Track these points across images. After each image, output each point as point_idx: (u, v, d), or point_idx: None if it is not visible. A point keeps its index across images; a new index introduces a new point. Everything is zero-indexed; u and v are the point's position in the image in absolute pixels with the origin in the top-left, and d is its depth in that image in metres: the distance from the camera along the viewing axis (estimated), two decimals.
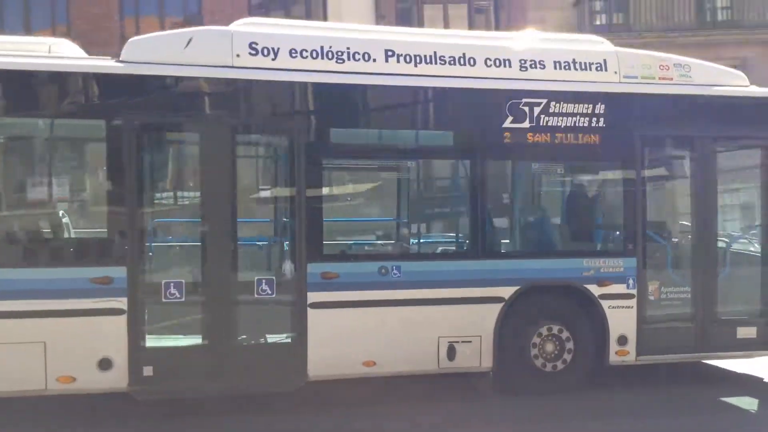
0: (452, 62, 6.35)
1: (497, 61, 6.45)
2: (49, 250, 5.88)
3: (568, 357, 6.51)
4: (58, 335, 5.51)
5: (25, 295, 5.44)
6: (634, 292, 6.50)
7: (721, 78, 7.09)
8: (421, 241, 6.98)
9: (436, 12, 19.32)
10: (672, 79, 6.83)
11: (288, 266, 6.11)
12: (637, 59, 6.88)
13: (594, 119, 6.53)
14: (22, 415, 5.75)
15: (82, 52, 6.39)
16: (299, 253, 5.94)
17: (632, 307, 6.49)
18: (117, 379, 5.63)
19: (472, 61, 6.40)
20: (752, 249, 7.10)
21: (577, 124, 6.51)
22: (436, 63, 6.32)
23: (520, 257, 6.63)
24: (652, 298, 6.59)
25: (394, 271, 6.12)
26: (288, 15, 18.29)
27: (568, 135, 6.49)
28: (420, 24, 18.92)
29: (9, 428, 5.58)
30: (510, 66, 6.48)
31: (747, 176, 7.26)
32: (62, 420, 5.83)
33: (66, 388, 5.59)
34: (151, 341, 5.78)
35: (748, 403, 6.56)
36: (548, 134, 6.46)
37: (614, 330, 6.46)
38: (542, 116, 6.41)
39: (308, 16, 18.04)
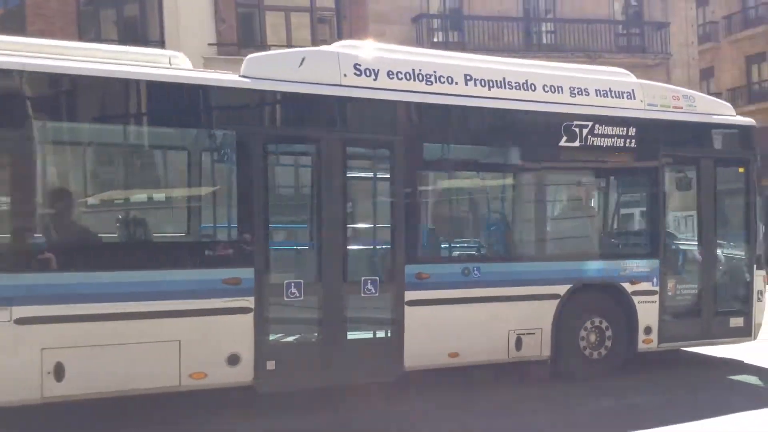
0: (518, 87, 7.28)
1: (552, 88, 7.46)
2: (185, 253, 6.26)
3: (608, 345, 7.65)
4: (191, 334, 5.87)
5: (161, 296, 5.77)
6: (657, 289, 7.75)
7: (716, 108, 8.52)
8: (494, 245, 7.76)
9: (278, 19, 19.16)
10: (682, 108, 8.13)
11: (389, 268, 6.79)
12: (656, 90, 8.23)
13: (626, 140, 7.72)
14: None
15: (191, 64, 6.83)
16: (398, 256, 6.69)
17: (655, 302, 7.73)
18: (243, 373, 6.09)
19: (533, 87, 7.37)
20: (737, 254, 8.57)
21: (614, 144, 7.66)
22: (504, 87, 7.24)
23: (573, 259, 7.65)
24: (669, 294, 7.87)
25: (475, 272, 6.98)
26: (121, 13, 17.41)
27: (608, 153, 7.70)
28: (262, 30, 18.70)
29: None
30: (562, 92, 7.51)
31: (729, 190, 8.65)
32: None
33: (198, 384, 5.99)
34: (274, 337, 6.31)
35: (754, 380, 7.95)
36: (593, 152, 7.64)
37: (642, 321, 7.70)
38: (589, 136, 7.51)
39: (143, 15, 17.26)
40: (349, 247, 6.74)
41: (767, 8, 30.00)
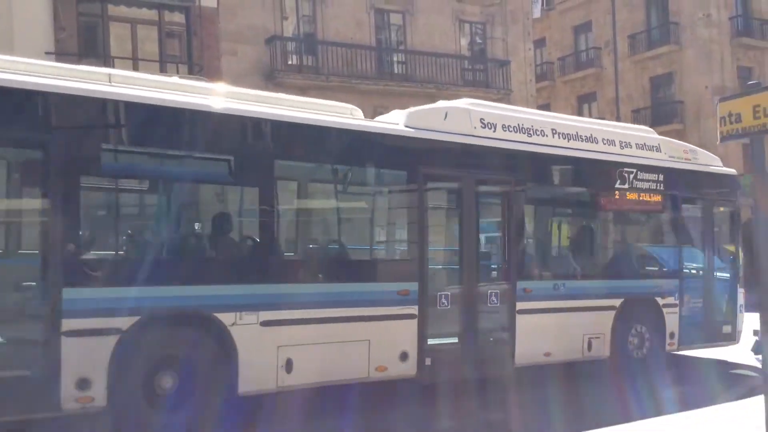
0: (586, 140, 9.16)
1: (607, 141, 9.38)
2: (374, 271, 7.78)
3: (647, 346, 9.48)
4: (377, 334, 7.25)
5: (355, 303, 7.16)
6: (677, 302, 9.70)
7: (711, 160, 10.54)
8: (575, 267, 9.39)
9: (124, 31, 18.34)
10: (690, 159, 10.21)
11: (506, 283, 8.39)
12: (673, 144, 10.34)
13: (657, 184, 9.71)
14: None
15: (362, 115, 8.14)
16: (513, 274, 8.35)
17: (677, 312, 9.67)
18: (409, 368, 7.51)
19: (595, 140, 9.24)
20: (725, 275, 10.62)
21: (649, 187, 9.64)
22: (577, 140, 9.07)
23: (624, 278, 9.55)
24: (685, 307, 9.77)
25: (562, 288, 8.70)
26: None
27: (646, 194, 9.70)
28: (106, 41, 17.77)
29: None
30: (614, 145, 9.42)
31: (719, 223, 10.82)
32: None
33: (380, 375, 7.35)
34: (430, 339, 7.67)
35: (750, 372, 9.94)
36: (636, 193, 9.57)
37: (668, 328, 9.60)
38: (634, 181, 9.46)
39: None
40: (480, 266, 8.44)
41: (596, 52, 32.76)
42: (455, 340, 7.98)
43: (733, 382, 9.40)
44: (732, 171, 10.81)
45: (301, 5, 20.70)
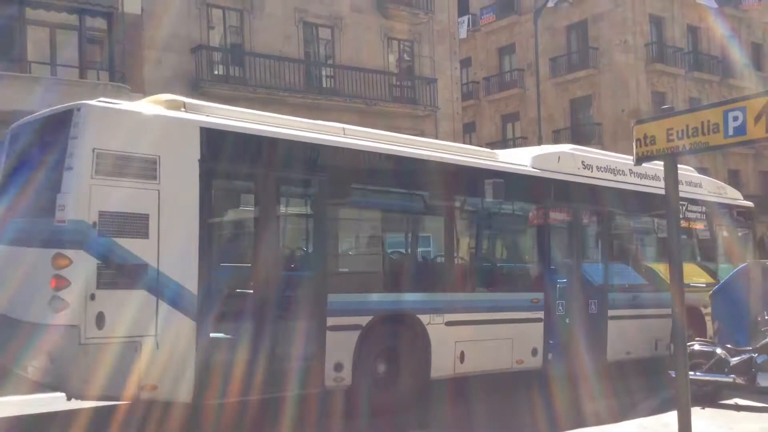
0: (651, 178, 10.80)
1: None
2: (516, 283, 9.95)
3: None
4: (517, 334, 9.12)
5: (504, 309, 9.06)
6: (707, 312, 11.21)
7: (735, 194, 13.12)
8: (647, 281, 11.20)
9: (42, 35, 17.68)
10: (721, 194, 12.70)
11: (601, 294, 10.32)
12: (709, 181, 12.91)
13: (701, 214, 11.88)
14: None
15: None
16: (606, 286, 10.36)
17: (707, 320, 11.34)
18: (538, 361, 9.37)
19: (659, 178, 10.04)
20: None
21: (696, 217, 11.82)
22: (647, 178, 10.89)
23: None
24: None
25: (637, 299, 10.61)
26: None
27: (695, 222, 11.81)
28: (22, 45, 17.06)
29: None
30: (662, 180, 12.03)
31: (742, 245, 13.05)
32: None
33: (519, 367, 9.20)
34: (550, 338, 9.48)
35: None
36: (688, 221, 11.51)
37: (708, 330, 11.15)
38: (686, 212, 11.33)
39: None
40: (583, 281, 10.18)
41: (520, 74, 33.69)
42: (567, 339, 9.72)
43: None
44: (750, 203, 13.55)
45: (228, 15, 20.46)
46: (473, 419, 8.17)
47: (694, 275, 11.66)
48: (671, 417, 6.47)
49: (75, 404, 6.86)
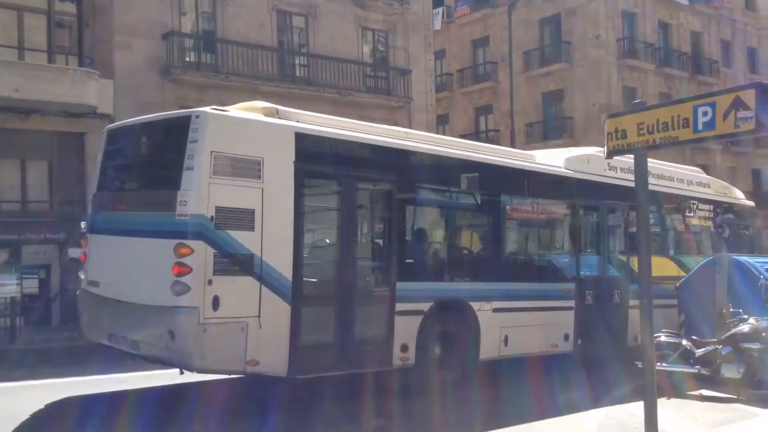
0: (668, 179, 12.58)
1: (680, 180, 13.07)
2: (551, 274, 10.85)
3: None
4: (552, 320, 10.22)
5: (541, 297, 10.19)
6: None
7: (738, 194, 14.71)
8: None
9: (10, 18, 17.30)
10: (726, 194, 14.18)
11: (623, 287, 11.36)
12: (716, 182, 14.39)
13: (708, 212, 13.50)
14: None
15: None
16: (626, 280, 11.30)
17: None
18: (569, 346, 10.46)
19: (671, 179, 12.78)
20: None
21: (704, 215, 13.42)
22: (663, 179, 12.34)
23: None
24: None
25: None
26: None
27: (702, 219, 13.42)
28: None
29: None
30: (685, 183, 13.17)
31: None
32: None
33: (553, 351, 10.30)
34: (579, 324, 10.57)
35: None
36: (697, 219, 13.35)
37: None
38: (696, 209, 13.20)
39: None
40: (606, 274, 11.34)
41: (493, 67, 33.80)
42: (594, 325, 10.75)
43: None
44: (750, 203, 15.23)
45: (201, 2, 20.12)
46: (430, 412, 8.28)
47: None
48: (637, 407, 6.59)
49: (184, 378, 8.01)
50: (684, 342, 9.66)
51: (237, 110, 8.04)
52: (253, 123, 7.64)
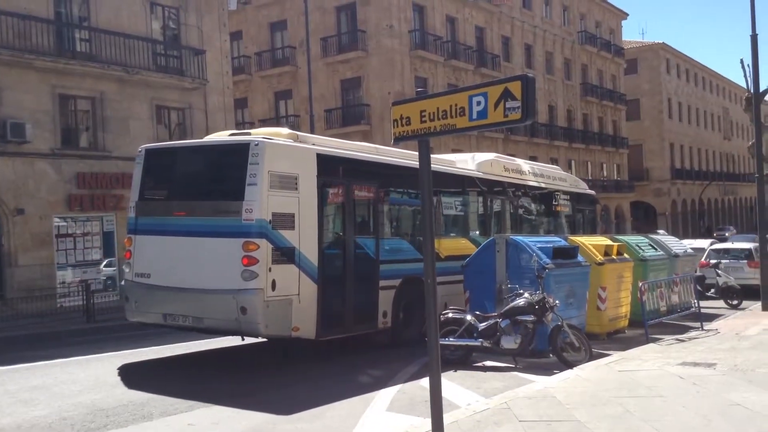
0: (539, 176, 17.26)
1: (546, 176, 17.89)
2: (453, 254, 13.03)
3: None
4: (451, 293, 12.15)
5: (445, 274, 11.64)
6: None
7: (583, 185, 19.58)
8: None
9: None
10: (577, 186, 19.22)
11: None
12: (569, 176, 19.66)
13: (568, 200, 18.31)
14: None
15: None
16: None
17: None
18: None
19: (542, 176, 17.47)
20: None
21: (564, 201, 18.10)
22: (538, 177, 17.25)
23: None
24: None
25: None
26: None
27: (562, 206, 18.20)
28: None
29: None
30: (551, 179, 17.77)
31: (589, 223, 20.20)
32: None
33: None
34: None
35: None
36: (560, 206, 18.12)
37: None
38: (558, 198, 18.07)
39: None
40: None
41: (291, 51, 33.66)
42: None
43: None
44: (593, 192, 20.42)
45: None
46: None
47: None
48: (427, 381, 6.91)
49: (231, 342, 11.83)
50: (468, 317, 10.31)
51: (271, 135, 10.19)
52: (291, 148, 10.24)
